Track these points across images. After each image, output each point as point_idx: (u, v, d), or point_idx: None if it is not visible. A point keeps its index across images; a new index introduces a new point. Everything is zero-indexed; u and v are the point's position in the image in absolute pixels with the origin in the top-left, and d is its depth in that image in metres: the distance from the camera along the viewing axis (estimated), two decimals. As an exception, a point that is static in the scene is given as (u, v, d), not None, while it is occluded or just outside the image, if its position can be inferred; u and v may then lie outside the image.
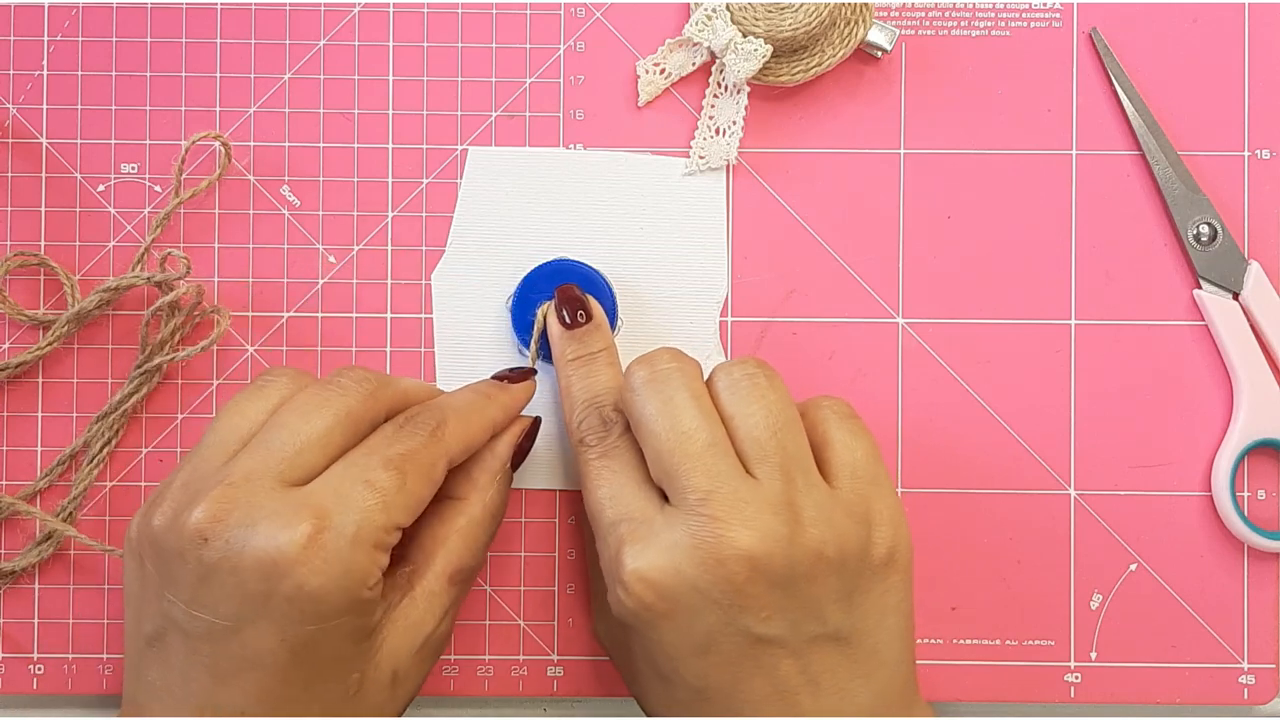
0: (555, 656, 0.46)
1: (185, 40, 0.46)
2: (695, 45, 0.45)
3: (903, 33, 0.46)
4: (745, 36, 0.44)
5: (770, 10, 0.44)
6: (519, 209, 0.46)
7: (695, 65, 0.46)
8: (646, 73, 0.46)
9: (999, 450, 0.46)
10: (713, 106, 0.46)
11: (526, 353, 0.45)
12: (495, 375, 0.43)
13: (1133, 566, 0.46)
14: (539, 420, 0.43)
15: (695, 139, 0.46)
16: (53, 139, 0.46)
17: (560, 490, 0.46)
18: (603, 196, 0.46)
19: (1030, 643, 0.46)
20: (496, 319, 0.46)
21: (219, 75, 0.46)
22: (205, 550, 0.35)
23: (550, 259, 0.45)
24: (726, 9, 0.44)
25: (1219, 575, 0.46)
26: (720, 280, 0.46)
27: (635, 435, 0.38)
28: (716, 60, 0.45)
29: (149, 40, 0.46)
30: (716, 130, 0.46)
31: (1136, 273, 0.46)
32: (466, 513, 0.40)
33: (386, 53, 0.46)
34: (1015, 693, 0.46)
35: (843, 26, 0.45)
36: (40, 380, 0.46)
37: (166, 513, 0.36)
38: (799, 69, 0.45)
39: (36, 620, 0.45)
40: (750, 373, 0.38)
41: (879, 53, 0.45)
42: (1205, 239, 0.46)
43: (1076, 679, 0.46)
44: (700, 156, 0.46)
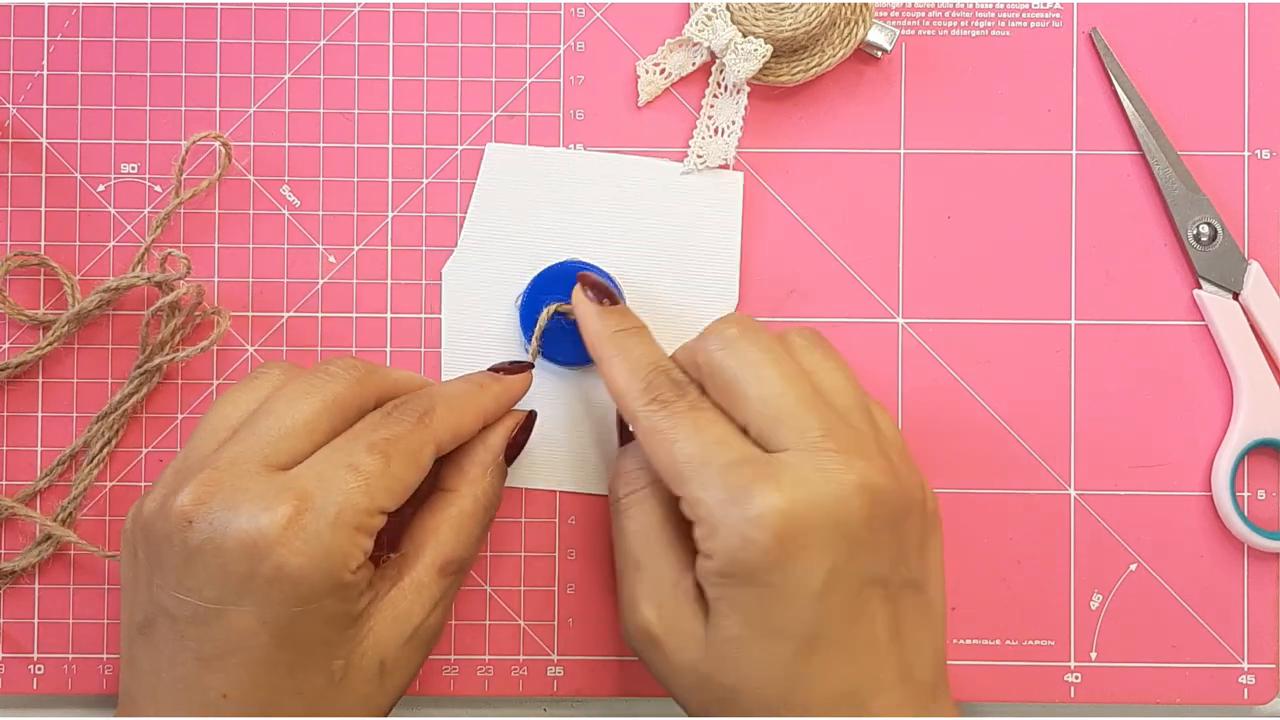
0: (555, 656, 0.46)
1: (185, 40, 0.46)
2: (695, 45, 0.45)
3: (903, 33, 0.46)
4: (745, 36, 0.44)
5: (770, 10, 0.44)
6: (533, 208, 0.46)
7: (695, 65, 0.46)
8: (646, 73, 0.46)
9: (999, 450, 0.46)
10: (712, 106, 0.46)
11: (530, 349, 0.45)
12: (492, 367, 0.43)
13: (1133, 566, 0.46)
14: (534, 414, 0.43)
15: (694, 139, 0.46)
16: (53, 139, 0.46)
17: (560, 491, 0.46)
18: (617, 199, 0.46)
19: (1030, 643, 0.46)
20: (505, 317, 0.46)
21: (219, 75, 0.46)
22: (190, 532, 0.35)
23: (561, 260, 0.45)
24: (726, 9, 0.44)
25: (1219, 575, 0.46)
26: (731, 286, 0.46)
27: (721, 391, 0.38)
28: (716, 60, 0.45)
29: (149, 40, 0.46)
30: (715, 130, 0.46)
31: (1136, 273, 0.46)
32: (457, 504, 0.40)
33: (386, 53, 0.46)
34: (1015, 693, 0.46)
35: (843, 26, 0.45)
36: (40, 380, 0.46)
37: (156, 499, 0.37)
38: (799, 69, 0.45)
39: (36, 620, 0.45)
40: (813, 336, 0.40)
41: (879, 53, 0.46)
42: (1205, 239, 0.46)
43: (1076, 679, 0.46)
44: (699, 156, 0.46)
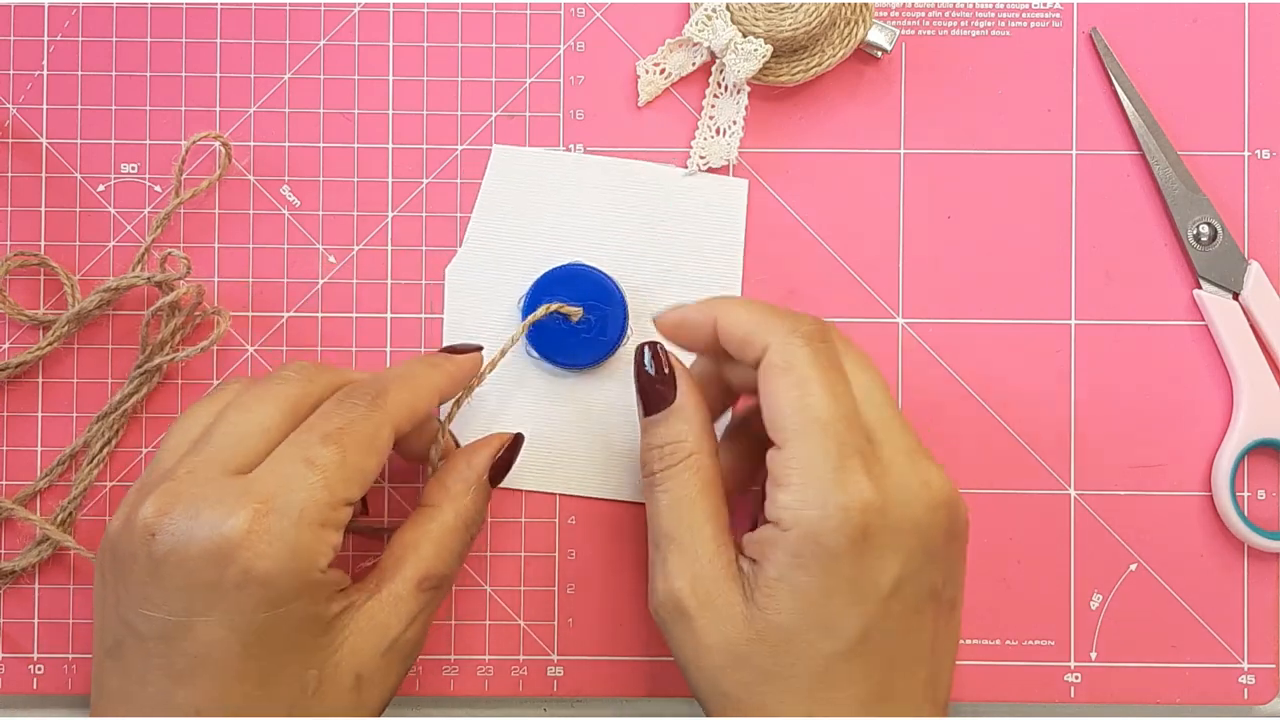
0: (555, 656, 0.46)
1: (185, 40, 0.46)
2: (695, 45, 0.45)
3: (903, 33, 0.46)
4: (745, 36, 0.44)
5: (770, 10, 0.44)
6: (537, 210, 0.46)
7: (695, 65, 0.46)
8: (646, 73, 0.46)
9: (999, 450, 0.46)
10: (713, 106, 0.46)
11: (534, 354, 0.45)
12: (442, 349, 0.43)
13: (1133, 566, 0.46)
14: (520, 437, 0.42)
15: (696, 139, 0.46)
16: (53, 139, 0.46)
17: (560, 495, 0.46)
18: (621, 203, 0.46)
19: (1030, 643, 0.46)
20: (507, 319, 0.46)
21: (219, 75, 0.46)
22: (153, 544, 0.35)
23: (564, 263, 0.45)
24: (726, 9, 0.44)
25: (1219, 575, 0.46)
26: (734, 291, 0.46)
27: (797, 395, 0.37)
28: (716, 60, 0.45)
29: (149, 40, 0.46)
30: (717, 130, 0.46)
31: (1136, 273, 0.46)
32: (438, 519, 0.40)
33: (386, 53, 0.46)
34: (1015, 693, 0.46)
35: (843, 26, 0.45)
36: (40, 380, 0.46)
37: (120, 518, 0.37)
38: (799, 69, 0.45)
39: (36, 620, 0.45)
40: (842, 343, 0.39)
41: (879, 53, 0.46)
42: (1205, 239, 0.46)
43: (1076, 679, 0.46)
44: (701, 156, 0.46)
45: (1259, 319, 0.45)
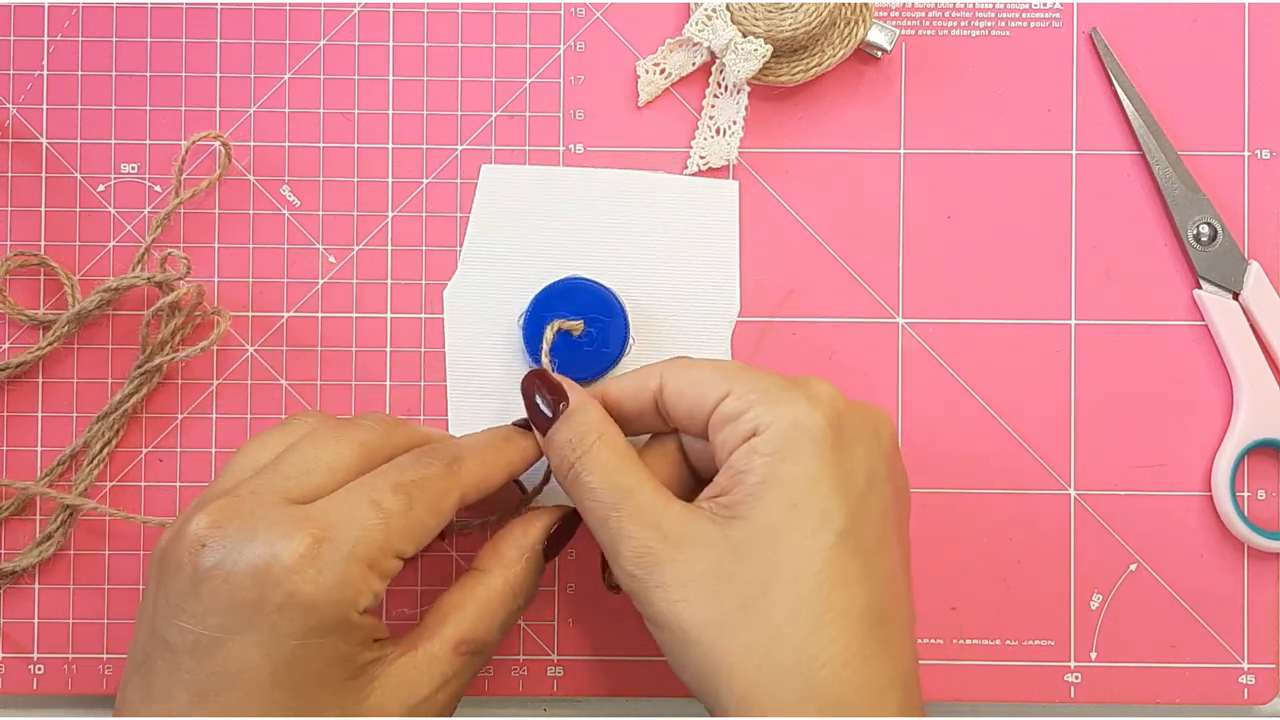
0: (555, 656, 0.46)
1: (185, 40, 0.46)
2: (695, 45, 0.45)
3: (903, 33, 0.46)
4: (745, 36, 0.44)
5: (770, 10, 0.44)
6: (530, 227, 0.46)
7: (695, 65, 0.46)
8: (646, 73, 0.46)
9: (999, 450, 0.46)
10: (713, 106, 0.46)
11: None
12: (515, 422, 0.42)
13: (1133, 566, 0.46)
14: (578, 516, 0.40)
15: (696, 139, 0.46)
16: (53, 139, 0.46)
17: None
18: (613, 213, 0.46)
19: (1030, 643, 0.46)
20: (507, 337, 0.46)
21: (219, 75, 0.46)
22: (201, 556, 0.35)
23: (562, 277, 0.45)
24: (726, 9, 0.44)
25: (1219, 575, 0.46)
26: (732, 297, 0.46)
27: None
28: (716, 60, 0.45)
29: (149, 40, 0.46)
30: (717, 130, 0.46)
31: (1136, 273, 0.46)
32: (486, 584, 0.39)
33: (386, 53, 0.46)
34: (1015, 693, 0.46)
35: (843, 26, 0.45)
36: (40, 380, 0.46)
37: (172, 530, 0.36)
38: (799, 69, 0.45)
39: (36, 620, 0.45)
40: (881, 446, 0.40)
41: (879, 53, 0.46)
42: (1205, 239, 0.46)
43: (1076, 679, 0.46)
44: (701, 156, 0.46)
45: (1259, 319, 0.45)
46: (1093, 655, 0.46)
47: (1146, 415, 0.46)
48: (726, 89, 0.46)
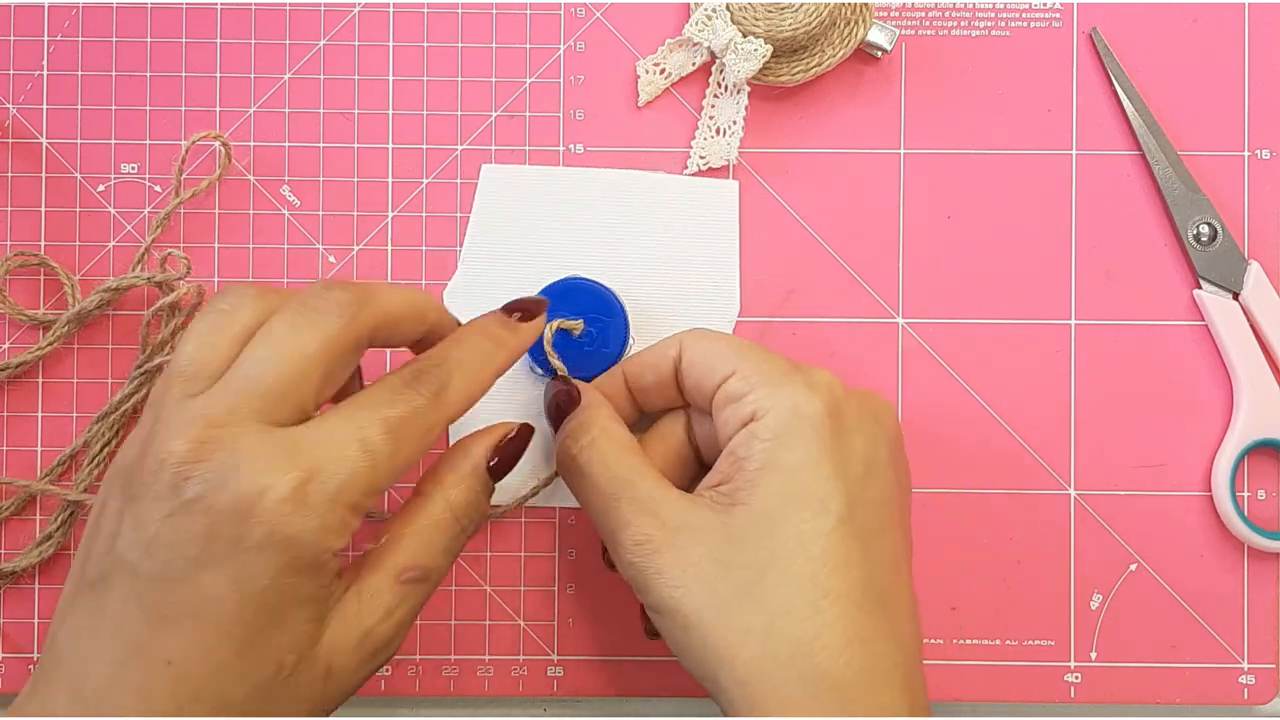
0: (555, 656, 0.46)
1: (185, 40, 0.46)
2: (695, 45, 0.45)
3: (903, 33, 0.46)
4: (745, 36, 0.44)
5: (770, 10, 0.44)
6: (530, 227, 0.46)
7: (695, 65, 0.46)
8: (646, 73, 0.46)
9: (999, 450, 0.46)
10: (713, 106, 0.46)
11: (538, 370, 0.45)
12: (506, 306, 0.40)
13: (1133, 566, 0.46)
14: (529, 428, 0.40)
15: (696, 139, 0.46)
16: (53, 139, 0.46)
17: (559, 507, 0.46)
18: (613, 213, 0.46)
19: (1030, 643, 0.46)
20: None
21: (219, 75, 0.46)
22: (184, 488, 0.33)
23: (561, 277, 0.45)
24: (726, 9, 0.44)
25: (1219, 575, 0.46)
26: (732, 293, 0.46)
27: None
28: (716, 60, 0.45)
29: (149, 40, 0.46)
30: (717, 130, 0.46)
31: (1136, 273, 0.46)
32: (427, 510, 0.38)
33: (386, 53, 0.46)
34: (1015, 693, 0.46)
35: (843, 26, 0.45)
36: (40, 380, 0.46)
37: (135, 446, 0.35)
38: (799, 69, 0.45)
39: (36, 620, 0.45)
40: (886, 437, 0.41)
41: (879, 53, 0.45)
42: (1205, 239, 0.46)
43: (1076, 679, 0.46)
44: (701, 156, 0.46)
45: (1259, 319, 0.45)
46: (1093, 655, 0.46)
47: (1146, 415, 0.46)
48: (726, 89, 0.46)
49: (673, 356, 0.41)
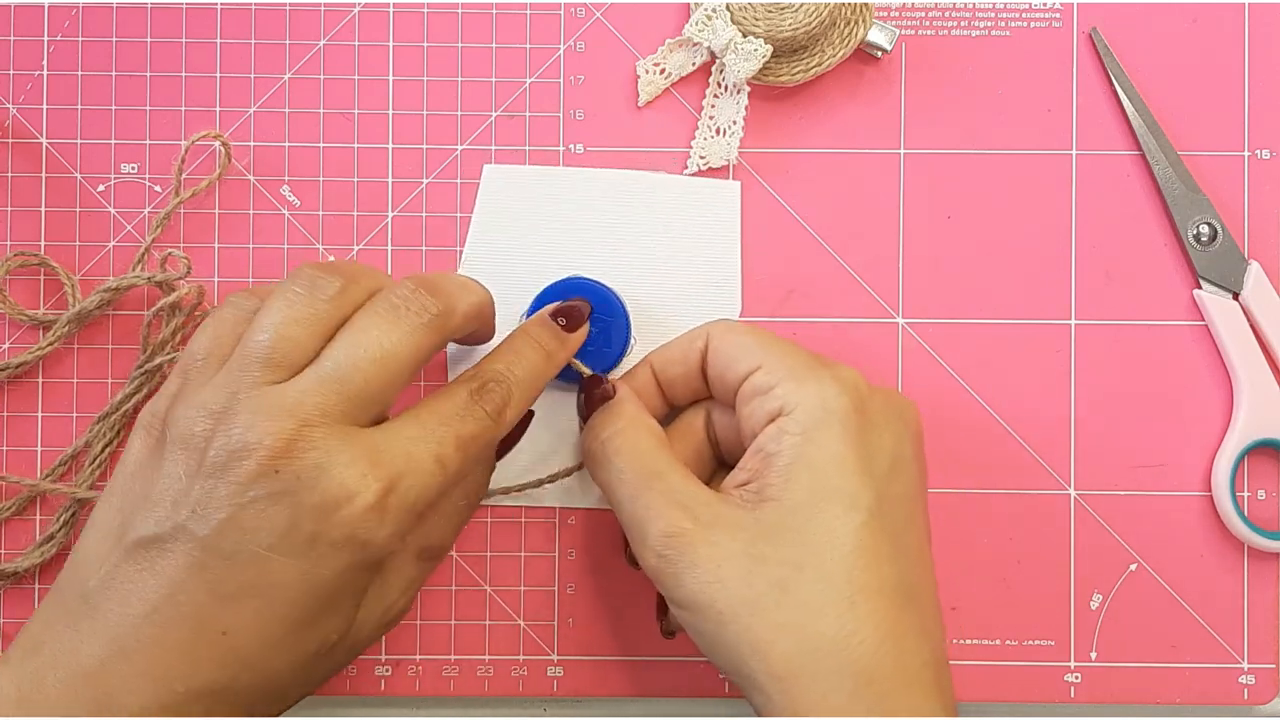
0: (555, 656, 0.46)
1: (185, 40, 0.46)
2: (695, 45, 0.45)
3: (903, 33, 0.46)
4: (745, 36, 0.44)
5: (770, 10, 0.44)
6: (532, 227, 0.46)
7: (695, 65, 0.46)
8: (646, 73, 0.46)
9: (999, 450, 0.46)
10: (713, 106, 0.46)
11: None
12: (554, 309, 0.42)
13: (1133, 566, 0.46)
14: (530, 411, 0.42)
15: (696, 139, 0.46)
16: (53, 139, 0.46)
17: (559, 508, 0.46)
18: (615, 213, 0.46)
19: (1030, 643, 0.46)
20: None
21: (219, 75, 0.46)
22: (271, 480, 0.34)
23: (562, 277, 0.45)
24: (726, 9, 0.44)
25: (1219, 575, 0.46)
26: (734, 294, 0.46)
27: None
28: (716, 60, 0.45)
29: (149, 40, 0.46)
30: (717, 130, 0.46)
31: (1136, 273, 0.46)
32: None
33: (386, 53, 0.46)
34: (1015, 693, 0.46)
35: (843, 26, 0.45)
36: (40, 380, 0.46)
37: (217, 424, 0.35)
38: (799, 69, 0.45)
39: (37, 620, 0.45)
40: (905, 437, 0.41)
41: (879, 53, 0.46)
42: (1205, 239, 0.46)
43: (1076, 679, 0.46)
44: (701, 156, 0.46)
45: (1259, 319, 0.45)
46: (1093, 655, 0.46)
47: (1146, 415, 0.46)
48: (726, 89, 0.46)
49: (700, 348, 0.41)
